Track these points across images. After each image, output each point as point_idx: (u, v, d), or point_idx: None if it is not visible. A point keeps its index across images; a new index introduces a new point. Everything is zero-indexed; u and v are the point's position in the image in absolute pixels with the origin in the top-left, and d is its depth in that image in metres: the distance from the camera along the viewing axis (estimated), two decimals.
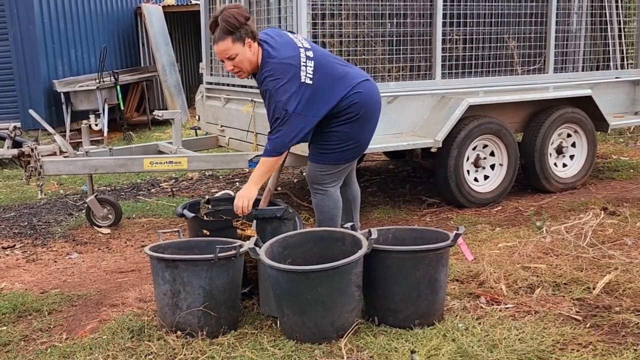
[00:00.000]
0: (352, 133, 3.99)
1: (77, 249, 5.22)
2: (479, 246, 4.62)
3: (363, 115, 3.98)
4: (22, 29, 10.61)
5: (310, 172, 4.17)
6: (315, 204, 4.19)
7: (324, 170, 4.09)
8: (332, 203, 4.16)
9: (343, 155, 4.05)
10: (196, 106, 7.13)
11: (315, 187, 4.17)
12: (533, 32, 6.16)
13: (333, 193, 4.16)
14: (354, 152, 4.10)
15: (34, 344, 3.45)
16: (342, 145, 4.01)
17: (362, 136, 4.06)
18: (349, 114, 3.94)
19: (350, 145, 4.02)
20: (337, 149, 4.02)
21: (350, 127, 3.97)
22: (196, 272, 3.27)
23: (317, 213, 4.21)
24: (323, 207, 4.17)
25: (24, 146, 5.33)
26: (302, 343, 3.19)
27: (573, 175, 6.35)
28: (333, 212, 4.18)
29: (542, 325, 3.34)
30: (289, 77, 3.72)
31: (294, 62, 3.77)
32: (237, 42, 3.72)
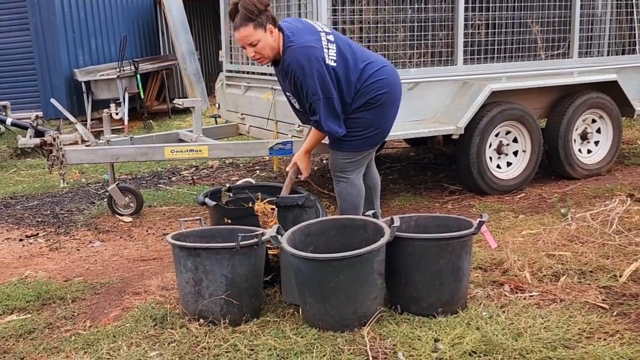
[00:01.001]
0: (373, 119, 3.98)
1: (100, 237, 5.25)
2: (502, 234, 4.57)
3: (384, 102, 3.97)
4: (43, 18, 10.66)
5: (333, 161, 4.16)
6: (338, 192, 4.18)
7: (347, 157, 4.08)
8: (355, 191, 4.15)
9: (365, 142, 4.04)
10: (216, 94, 7.12)
11: (338, 175, 4.16)
12: (557, 16, 6.05)
13: (356, 181, 4.15)
14: (376, 138, 4.09)
15: (58, 331, 3.48)
16: (364, 132, 4.00)
17: (384, 122, 4.05)
18: (370, 100, 3.93)
19: (371, 131, 4.01)
20: (359, 136, 4.00)
21: (372, 113, 3.96)
22: (218, 260, 3.26)
23: (340, 201, 4.20)
24: (346, 196, 4.15)
25: (46, 135, 5.35)
26: (324, 331, 3.18)
27: (598, 161, 6.26)
28: (356, 200, 4.16)
29: (568, 313, 3.29)
30: (313, 61, 3.72)
31: (316, 44, 3.77)
32: (258, 29, 3.71)
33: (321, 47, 3.77)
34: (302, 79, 3.74)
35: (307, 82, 3.73)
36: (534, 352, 2.90)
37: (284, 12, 5.71)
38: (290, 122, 5.58)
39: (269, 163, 7.55)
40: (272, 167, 7.21)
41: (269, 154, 5.42)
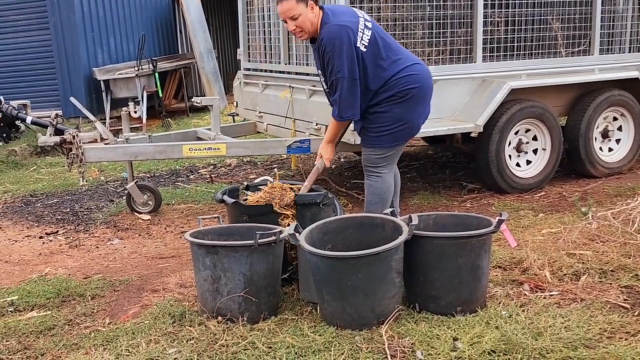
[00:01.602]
0: (403, 114, 4.06)
1: (118, 235, 5.28)
2: (522, 232, 4.54)
3: (413, 97, 4.05)
4: (63, 17, 10.74)
5: (366, 156, 4.25)
6: (368, 186, 4.25)
7: (379, 153, 4.16)
8: (384, 187, 4.24)
9: (394, 136, 4.12)
10: (234, 92, 7.14)
11: (370, 170, 4.23)
12: (578, 12, 5.98)
13: (387, 177, 4.23)
14: (405, 134, 4.16)
15: (77, 328, 3.50)
16: (393, 127, 4.07)
17: (413, 117, 4.12)
18: (398, 93, 4.02)
19: (400, 126, 4.08)
20: (388, 131, 4.08)
21: (400, 107, 4.04)
22: (236, 258, 3.26)
23: (368, 194, 4.25)
24: (375, 190, 4.23)
25: (66, 134, 5.40)
26: (342, 329, 3.17)
27: (619, 159, 6.19)
28: (384, 196, 4.24)
29: (589, 313, 3.26)
30: (345, 40, 3.85)
31: (352, 25, 3.89)
32: (300, 3, 3.87)
33: (356, 29, 3.90)
34: (330, 54, 3.86)
35: (335, 59, 3.86)
36: (554, 352, 2.87)
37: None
38: (308, 121, 5.58)
39: (287, 161, 7.55)
40: (290, 165, 7.21)
41: (287, 152, 5.43)
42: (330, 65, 3.90)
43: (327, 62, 3.92)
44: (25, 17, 10.97)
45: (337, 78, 3.90)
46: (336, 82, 3.92)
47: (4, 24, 11.03)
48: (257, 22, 6.48)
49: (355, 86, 3.93)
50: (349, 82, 3.89)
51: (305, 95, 5.61)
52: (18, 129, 9.44)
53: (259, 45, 6.53)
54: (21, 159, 8.47)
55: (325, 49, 3.88)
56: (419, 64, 4.15)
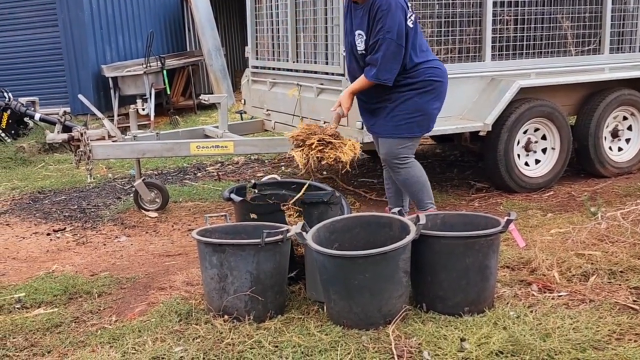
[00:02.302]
0: (422, 104, 4.20)
1: (126, 232, 5.28)
2: (530, 232, 4.51)
3: (435, 90, 4.22)
4: (71, 15, 10.76)
5: (387, 151, 4.32)
6: (401, 180, 4.30)
7: (401, 144, 4.26)
8: (417, 170, 4.32)
9: (414, 126, 4.24)
10: (242, 90, 7.13)
11: (394, 163, 4.30)
12: (588, 11, 5.94)
13: (414, 162, 4.32)
14: (422, 125, 4.27)
15: (84, 325, 3.50)
16: (412, 116, 4.19)
17: (430, 111, 4.26)
18: (423, 83, 4.16)
19: (418, 116, 4.22)
20: (409, 119, 4.20)
21: (421, 97, 4.19)
22: (243, 257, 3.26)
23: (407, 187, 4.32)
24: (411, 179, 4.30)
25: (74, 131, 5.40)
26: (349, 329, 3.16)
27: (629, 159, 6.15)
28: (422, 179, 4.33)
29: (597, 314, 3.23)
30: (400, 7, 4.00)
31: (403, 4, 4.06)
32: None
33: (406, 9, 4.06)
34: (384, 13, 3.97)
35: (387, 19, 3.97)
36: (563, 353, 2.85)
37: (310, 8, 5.69)
38: (316, 119, 5.56)
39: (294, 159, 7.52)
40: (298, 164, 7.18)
41: None
42: (380, 24, 3.99)
43: (377, 20, 4.00)
44: (34, 15, 11.00)
45: (384, 38, 3.99)
46: (382, 42, 4.00)
47: (14, 21, 11.06)
48: (265, 20, 6.47)
49: (399, 53, 4.04)
50: (396, 46, 4.01)
51: (313, 93, 5.60)
52: (26, 126, 9.46)
53: (267, 43, 6.52)
54: (29, 156, 8.48)
55: (380, 7, 3.98)
56: (440, 62, 4.36)
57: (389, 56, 4.04)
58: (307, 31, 5.80)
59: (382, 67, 4.06)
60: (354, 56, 4.32)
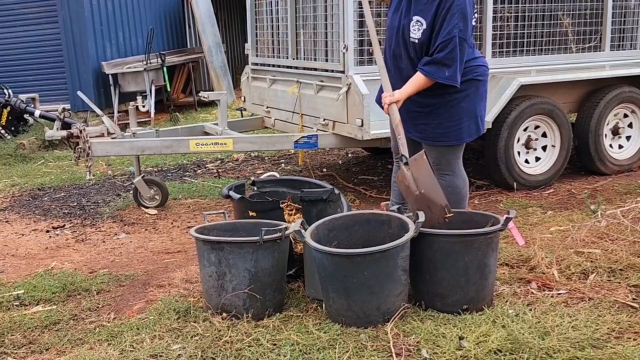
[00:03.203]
0: (468, 108, 3.99)
1: (125, 230, 5.27)
2: (530, 230, 4.50)
3: (479, 88, 4.03)
4: (72, 11, 10.74)
5: (436, 159, 4.06)
6: (445, 185, 4.07)
7: (451, 152, 4.08)
8: (461, 182, 4.16)
9: (462, 132, 4.02)
10: (242, 87, 7.12)
11: (443, 170, 4.10)
12: (588, 8, 5.92)
13: (461, 171, 4.17)
14: (472, 129, 4.05)
15: (82, 323, 3.50)
16: (461, 122, 3.99)
17: (477, 112, 4.05)
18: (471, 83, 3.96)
19: (466, 121, 4.00)
20: (456, 127, 4.00)
21: (467, 101, 3.98)
22: (242, 255, 3.25)
23: (447, 194, 4.14)
24: (454, 188, 4.12)
25: (73, 128, 5.39)
26: (347, 327, 3.15)
27: (630, 157, 6.14)
28: (463, 191, 4.17)
29: (597, 312, 3.22)
30: (471, 9, 3.85)
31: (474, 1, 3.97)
32: None
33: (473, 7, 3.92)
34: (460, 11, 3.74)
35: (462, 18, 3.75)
36: (561, 352, 2.85)
37: (310, 5, 5.68)
38: (316, 116, 5.56)
39: (294, 156, 7.53)
40: (298, 161, 7.19)
41: (294, 148, 5.41)
42: (455, 20, 3.74)
43: (450, 15, 3.74)
44: (35, 11, 10.98)
45: (460, 38, 3.75)
46: (457, 42, 3.76)
47: (14, 17, 11.04)
48: (265, 17, 6.45)
49: (465, 52, 3.85)
50: (467, 47, 3.83)
51: (312, 91, 5.59)
52: (26, 123, 9.46)
53: (266, 40, 6.50)
54: (29, 153, 8.49)
55: (457, 2, 3.73)
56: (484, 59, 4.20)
57: (462, 58, 3.83)
58: (307, 28, 5.78)
59: (456, 69, 3.81)
60: (402, 41, 3.96)
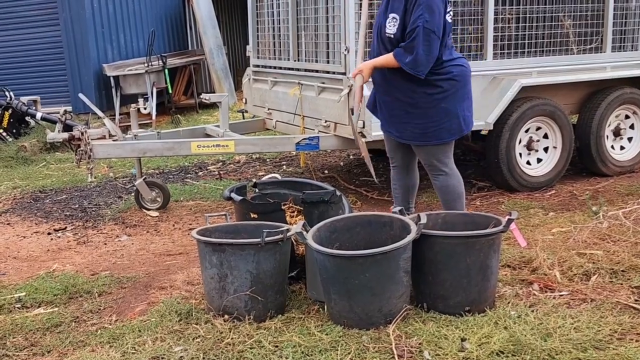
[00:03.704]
0: (448, 108, 4.02)
1: (127, 232, 5.27)
2: (532, 231, 4.49)
3: (460, 89, 4.05)
4: (73, 13, 10.76)
5: (426, 157, 4.18)
6: (439, 186, 4.17)
7: (438, 151, 4.12)
8: (455, 181, 4.17)
9: (443, 132, 4.06)
10: (243, 89, 7.12)
11: (435, 169, 4.17)
12: (590, 9, 5.92)
13: (454, 170, 4.18)
14: (453, 128, 4.08)
15: (84, 325, 3.50)
16: (441, 122, 4.03)
17: (458, 112, 4.07)
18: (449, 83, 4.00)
19: (447, 121, 4.03)
20: (436, 127, 4.04)
21: (447, 101, 4.01)
22: (243, 256, 3.25)
23: (442, 194, 4.21)
24: (448, 187, 4.16)
25: (75, 130, 5.40)
26: (349, 328, 3.15)
27: (631, 158, 6.13)
28: (458, 190, 4.18)
29: (599, 314, 3.22)
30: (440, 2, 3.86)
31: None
32: None
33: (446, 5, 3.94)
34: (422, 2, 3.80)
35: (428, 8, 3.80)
36: (564, 353, 2.84)
37: (311, 7, 5.68)
38: (317, 118, 5.56)
39: (296, 158, 7.53)
40: (299, 163, 7.19)
41: (296, 149, 5.41)
42: (420, 11, 3.81)
43: (416, 6, 3.83)
44: (36, 13, 10.99)
45: (423, 27, 3.80)
46: (420, 31, 3.81)
47: (15, 19, 11.05)
48: (266, 19, 6.46)
49: (436, 46, 3.87)
50: (435, 38, 3.84)
51: (314, 92, 5.59)
52: (28, 125, 9.46)
53: (268, 42, 6.51)
54: (31, 155, 8.49)
55: None
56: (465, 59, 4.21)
57: (427, 47, 3.84)
58: (309, 30, 5.79)
59: (419, 57, 3.85)
60: (380, 39, 4.10)
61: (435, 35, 3.84)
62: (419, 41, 3.83)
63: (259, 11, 6.60)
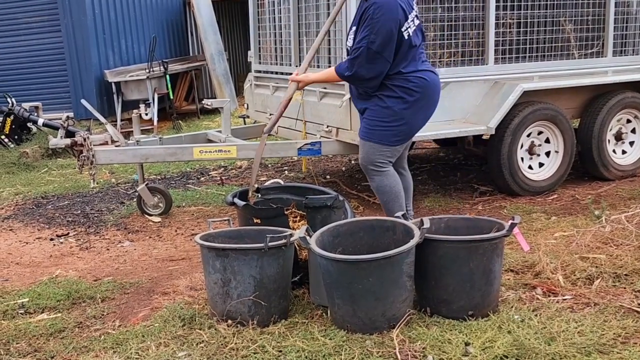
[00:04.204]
0: (404, 113, 4.07)
1: (129, 237, 5.27)
2: (534, 236, 4.50)
3: (419, 101, 4.07)
4: (74, 19, 10.79)
5: (363, 155, 4.22)
6: (375, 187, 4.20)
7: (376, 150, 4.14)
8: (391, 181, 4.19)
9: (392, 134, 4.11)
10: (245, 94, 7.13)
11: (370, 169, 4.21)
12: (591, 14, 5.93)
13: (390, 171, 4.20)
14: (401, 134, 4.14)
15: (87, 330, 3.50)
16: (393, 124, 4.08)
17: (413, 120, 4.13)
18: (406, 92, 4.03)
19: (399, 125, 4.09)
20: (387, 127, 4.08)
21: (405, 107, 4.05)
22: (247, 262, 3.25)
23: (379, 195, 4.22)
24: (384, 188, 4.19)
25: (77, 136, 5.40)
26: (353, 333, 3.15)
27: (633, 162, 6.13)
28: (395, 189, 4.20)
29: (603, 317, 3.22)
30: (390, 22, 3.86)
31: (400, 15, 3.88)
32: None
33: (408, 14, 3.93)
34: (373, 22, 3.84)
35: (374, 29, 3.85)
36: (568, 357, 2.84)
37: (312, 12, 5.69)
38: (319, 123, 5.56)
39: (297, 163, 7.53)
40: (301, 168, 7.19)
41: (298, 155, 5.41)
42: (366, 31, 3.88)
43: (364, 26, 3.90)
44: (37, 19, 11.02)
45: (367, 49, 3.88)
46: (363, 50, 3.90)
47: (16, 25, 11.08)
48: (268, 24, 6.47)
49: (381, 65, 3.92)
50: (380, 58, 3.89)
51: (316, 98, 5.60)
52: (30, 131, 9.48)
53: (269, 48, 6.52)
54: (32, 161, 8.50)
55: (372, 15, 3.86)
56: (433, 73, 4.21)
57: (369, 68, 3.93)
58: (310, 35, 5.80)
59: (359, 75, 3.99)
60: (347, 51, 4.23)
61: (381, 55, 3.90)
62: (361, 61, 3.94)
63: (260, 17, 6.62)
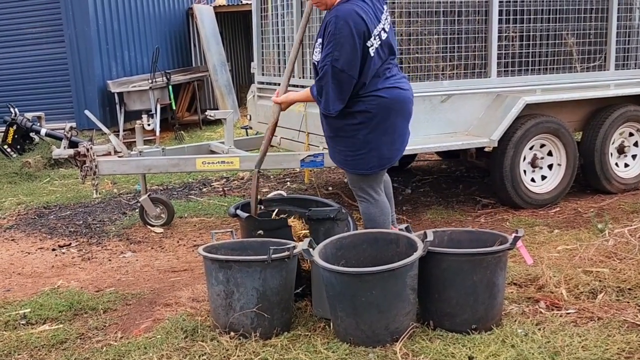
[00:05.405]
0: (369, 138, 3.82)
1: (131, 248, 5.27)
2: (537, 249, 4.49)
3: (380, 123, 3.82)
4: (78, 30, 10.82)
5: (349, 181, 4.14)
6: (362, 211, 4.08)
7: (358, 178, 3.99)
8: (377, 210, 4.01)
9: (364, 162, 3.88)
10: (247, 106, 7.14)
11: (359, 195, 4.08)
12: (593, 27, 5.95)
13: (377, 198, 4.02)
14: (371, 161, 3.88)
15: (89, 342, 3.49)
16: (361, 152, 3.85)
17: (378, 145, 3.85)
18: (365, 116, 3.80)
19: (367, 152, 3.84)
20: (358, 155, 3.87)
21: (367, 131, 3.82)
22: (250, 273, 3.24)
23: (365, 220, 4.11)
24: (369, 215, 4.03)
25: (80, 146, 5.41)
26: (356, 346, 3.14)
27: (635, 175, 6.13)
28: (380, 219, 4.01)
29: (606, 332, 3.21)
30: (353, 38, 3.62)
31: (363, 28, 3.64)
32: None
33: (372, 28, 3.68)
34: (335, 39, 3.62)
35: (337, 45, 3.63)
36: None
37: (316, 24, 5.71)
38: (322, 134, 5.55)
39: (300, 175, 7.53)
40: (303, 179, 7.19)
41: (300, 166, 5.41)
42: (329, 48, 3.65)
43: (326, 42, 3.69)
44: (41, 30, 11.05)
45: (331, 67, 3.64)
46: (329, 70, 3.65)
47: (20, 36, 11.12)
48: (271, 36, 6.49)
49: (349, 83, 3.67)
50: (346, 77, 3.65)
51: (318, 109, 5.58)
52: (32, 141, 9.49)
53: (272, 59, 6.54)
54: (35, 171, 8.50)
55: (332, 31, 3.62)
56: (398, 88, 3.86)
57: (337, 88, 3.68)
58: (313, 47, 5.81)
59: (332, 98, 3.72)
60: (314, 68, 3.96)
61: (346, 73, 3.64)
62: (327, 81, 3.69)
63: (263, 28, 6.64)
